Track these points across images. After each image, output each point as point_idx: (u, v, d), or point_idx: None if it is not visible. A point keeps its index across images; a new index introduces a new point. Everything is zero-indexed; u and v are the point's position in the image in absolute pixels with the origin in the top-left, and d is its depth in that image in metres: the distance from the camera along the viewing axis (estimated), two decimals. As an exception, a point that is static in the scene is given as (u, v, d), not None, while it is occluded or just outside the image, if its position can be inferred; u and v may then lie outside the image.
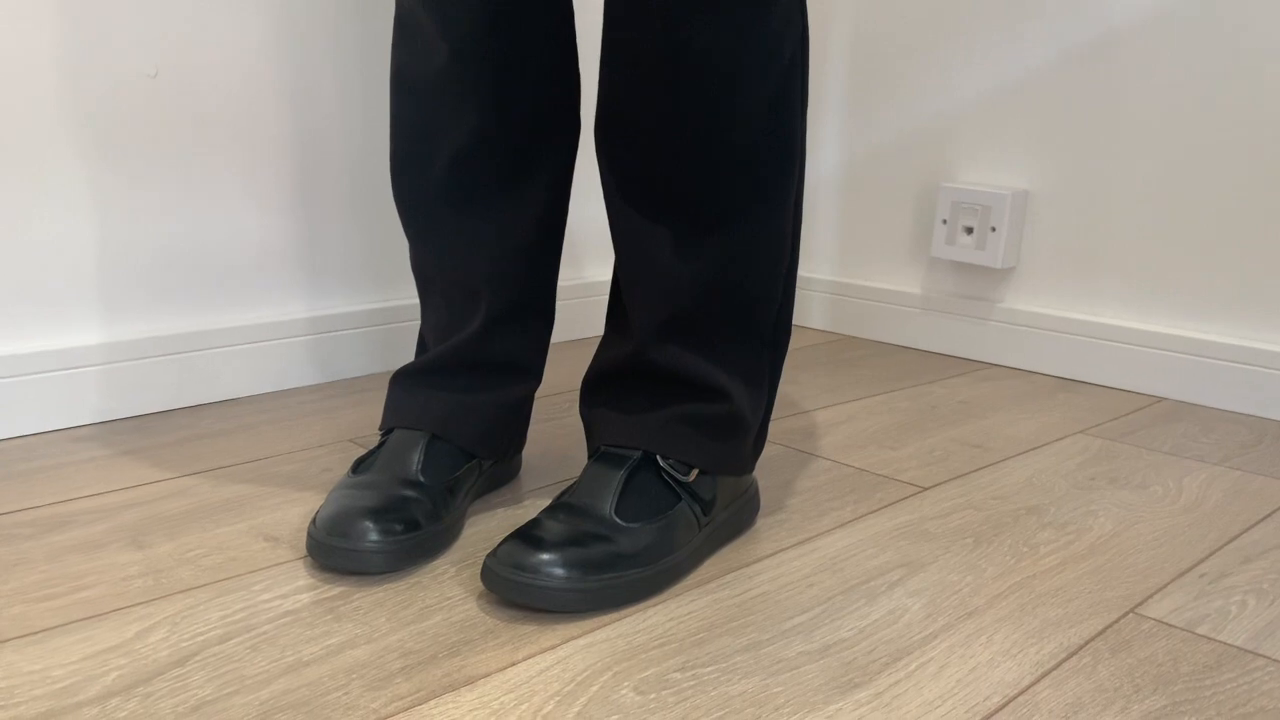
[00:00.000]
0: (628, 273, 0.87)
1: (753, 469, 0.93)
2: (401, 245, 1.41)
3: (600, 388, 0.91)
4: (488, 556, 0.78)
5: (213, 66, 1.19)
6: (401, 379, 0.95)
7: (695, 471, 0.86)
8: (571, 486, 0.85)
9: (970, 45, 1.57)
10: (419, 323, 1.42)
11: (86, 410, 1.14)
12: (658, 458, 0.85)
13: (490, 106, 0.87)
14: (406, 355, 1.42)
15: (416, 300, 1.43)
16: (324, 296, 1.34)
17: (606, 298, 1.65)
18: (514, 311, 0.94)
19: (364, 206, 1.36)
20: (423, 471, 0.88)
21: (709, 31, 0.76)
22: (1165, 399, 1.45)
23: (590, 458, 0.88)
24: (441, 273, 0.94)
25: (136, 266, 1.17)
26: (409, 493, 0.85)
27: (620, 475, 0.84)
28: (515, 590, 0.76)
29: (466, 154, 0.89)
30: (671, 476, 0.84)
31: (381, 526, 0.81)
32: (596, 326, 1.66)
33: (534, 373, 0.98)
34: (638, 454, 0.85)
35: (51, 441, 1.09)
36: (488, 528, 0.92)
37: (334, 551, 0.80)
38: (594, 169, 1.50)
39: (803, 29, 0.82)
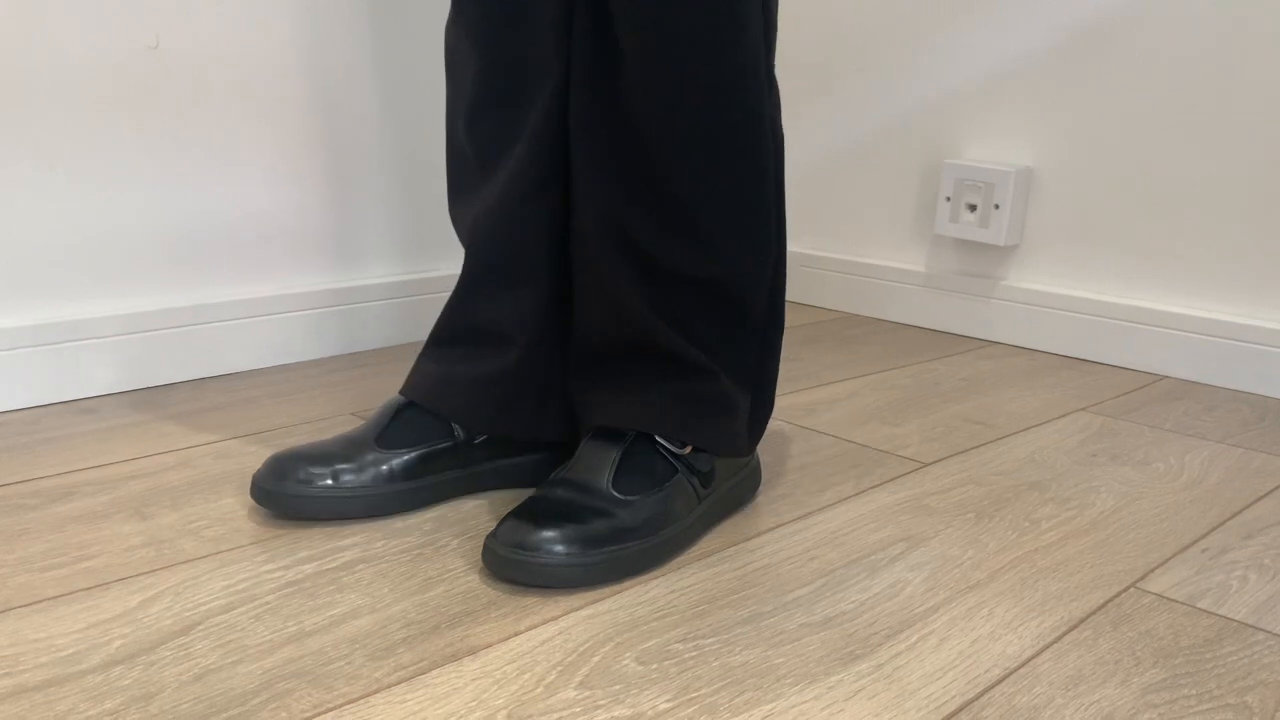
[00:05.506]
0: (607, 256, 0.86)
1: (751, 451, 0.93)
2: (411, 218, 1.40)
3: (591, 367, 0.90)
4: (488, 537, 0.78)
5: (215, 36, 1.18)
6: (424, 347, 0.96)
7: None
8: (568, 463, 0.85)
9: (974, 21, 1.56)
10: (433, 296, 1.44)
11: (90, 383, 1.14)
12: None
13: (491, 59, 0.88)
14: (412, 329, 1.42)
15: (424, 274, 1.44)
16: (327, 270, 1.34)
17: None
18: (491, 275, 0.92)
19: (373, 179, 1.35)
20: (390, 433, 0.89)
21: (675, 10, 0.77)
22: (1168, 377, 1.44)
23: (585, 436, 0.88)
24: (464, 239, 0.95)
25: (139, 239, 1.17)
26: (370, 454, 0.87)
27: (617, 450, 0.84)
28: (517, 569, 0.76)
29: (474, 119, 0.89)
30: (668, 450, 0.85)
31: (315, 471, 0.85)
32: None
33: (515, 342, 0.92)
34: (633, 431, 0.85)
35: (56, 413, 1.09)
36: (490, 501, 0.92)
37: (270, 496, 0.85)
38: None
39: (764, 4, 0.82)
